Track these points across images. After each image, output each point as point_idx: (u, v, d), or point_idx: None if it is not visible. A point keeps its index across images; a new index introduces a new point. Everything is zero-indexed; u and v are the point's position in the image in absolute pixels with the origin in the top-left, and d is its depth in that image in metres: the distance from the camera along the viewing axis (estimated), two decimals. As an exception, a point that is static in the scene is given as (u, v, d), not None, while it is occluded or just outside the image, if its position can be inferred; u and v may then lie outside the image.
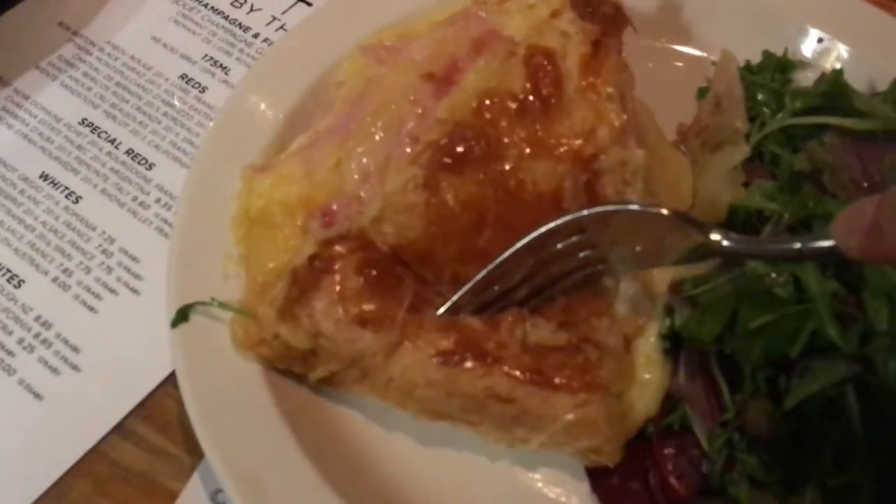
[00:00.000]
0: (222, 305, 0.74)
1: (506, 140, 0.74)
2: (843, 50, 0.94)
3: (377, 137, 0.77)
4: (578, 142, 0.76)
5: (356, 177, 0.75)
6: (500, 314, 0.72)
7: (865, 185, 0.79)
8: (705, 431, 0.72)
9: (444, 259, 0.73)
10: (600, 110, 0.77)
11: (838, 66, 0.91)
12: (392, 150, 0.74)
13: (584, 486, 0.73)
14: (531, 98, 0.76)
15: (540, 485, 0.74)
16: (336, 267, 0.71)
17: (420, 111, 0.75)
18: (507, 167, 0.74)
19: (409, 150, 0.74)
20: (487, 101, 0.75)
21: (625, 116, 0.78)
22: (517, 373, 0.69)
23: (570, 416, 0.68)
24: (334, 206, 0.75)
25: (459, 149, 0.73)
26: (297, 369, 0.74)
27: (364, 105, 0.80)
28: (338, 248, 0.72)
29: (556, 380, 0.68)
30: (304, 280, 0.71)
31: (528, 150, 0.75)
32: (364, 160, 0.76)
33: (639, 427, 0.73)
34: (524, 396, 0.68)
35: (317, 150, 0.79)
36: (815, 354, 0.70)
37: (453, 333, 0.71)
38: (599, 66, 0.79)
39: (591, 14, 0.81)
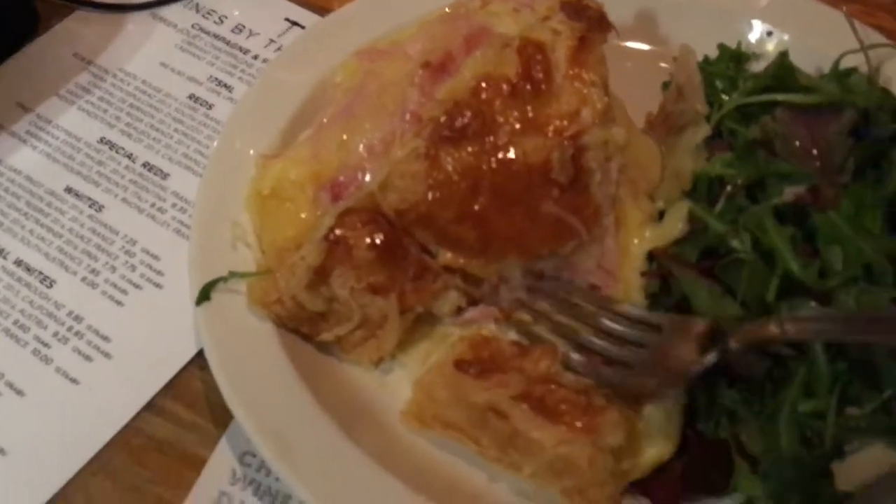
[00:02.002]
0: (240, 274, 0.81)
1: (500, 118, 0.83)
2: (788, 39, 1.03)
3: (381, 117, 0.86)
4: (565, 121, 0.84)
5: (362, 151, 0.84)
6: (537, 344, 0.80)
7: (814, 151, 0.87)
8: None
9: (443, 221, 0.81)
10: (585, 95, 0.85)
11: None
12: (394, 127, 0.83)
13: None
14: (523, 82, 0.84)
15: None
16: (350, 239, 0.79)
17: (420, 93, 0.84)
18: (501, 141, 0.82)
19: (411, 126, 0.83)
20: (484, 84, 0.83)
21: (607, 99, 0.87)
22: (520, 395, 0.74)
23: (554, 450, 0.72)
24: (342, 178, 0.84)
25: (458, 124, 0.81)
26: (305, 329, 0.82)
27: (365, 92, 0.89)
28: (350, 220, 0.80)
29: (555, 413, 0.74)
30: (323, 252, 0.78)
31: (519, 127, 0.83)
32: (369, 137, 0.85)
33: (645, 472, 0.76)
34: (520, 417, 0.74)
35: (323, 134, 0.88)
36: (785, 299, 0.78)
37: (481, 348, 0.80)
38: (585, 58, 0.87)
39: (577, 17, 0.91)
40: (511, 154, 0.82)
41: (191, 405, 0.85)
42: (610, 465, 0.72)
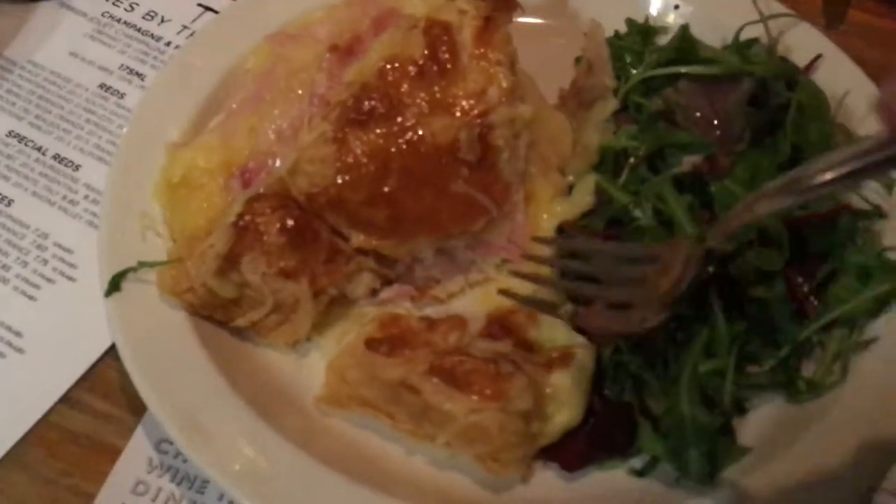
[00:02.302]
0: (149, 263, 0.81)
1: (407, 100, 0.83)
2: (693, 12, 1.06)
3: (290, 102, 0.86)
4: (472, 101, 0.85)
5: (272, 137, 0.85)
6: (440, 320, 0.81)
7: (715, 121, 0.90)
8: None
9: (354, 204, 0.81)
10: (491, 74, 0.86)
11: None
12: (303, 111, 0.84)
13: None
14: (430, 63, 0.85)
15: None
16: (260, 225, 0.79)
17: (328, 77, 0.85)
18: (409, 123, 0.83)
19: (319, 110, 0.83)
20: (390, 66, 0.84)
21: (513, 78, 0.88)
22: (430, 369, 0.76)
23: (465, 419, 0.74)
24: (252, 165, 0.84)
25: (365, 107, 0.82)
26: (218, 316, 0.82)
27: (274, 77, 0.89)
28: (259, 206, 0.80)
29: (464, 383, 0.75)
30: (232, 239, 0.79)
31: (427, 108, 0.84)
32: (278, 122, 0.85)
33: (554, 438, 0.77)
34: (431, 391, 0.75)
35: (233, 120, 0.88)
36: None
37: (390, 326, 0.80)
38: (490, 37, 0.88)
39: None
40: (419, 135, 0.83)
41: (106, 396, 0.85)
42: (520, 428, 0.74)
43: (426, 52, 0.86)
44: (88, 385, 0.86)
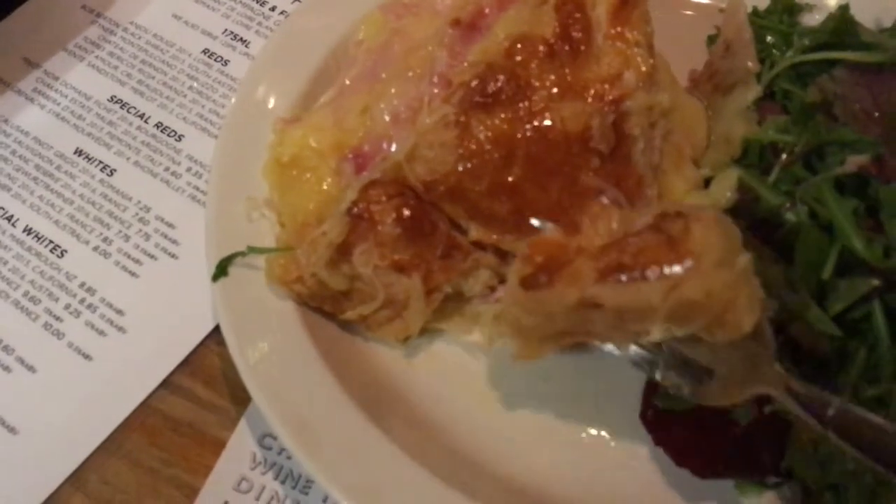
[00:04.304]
0: (258, 249, 0.77)
1: (536, 82, 0.76)
2: (849, -11, 0.95)
3: (407, 80, 0.79)
4: (606, 85, 0.77)
5: (387, 118, 0.78)
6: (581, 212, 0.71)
7: (876, 114, 0.81)
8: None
9: (475, 194, 0.75)
10: (628, 56, 0.79)
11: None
12: (423, 92, 0.77)
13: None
14: (561, 43, 0.78)
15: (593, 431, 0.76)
16: (375, 214, 0.74)
17: (450, 54, 0.78)
18: (537, 107, 0.76)
19: (440, 90, 0.77)
20: (518, 45, 0.77)
21: (652, 61, 0.80)
22: (599, 274, 0.65)
23: (665, 304, 0.62)
24: (366, 148, 0.78)
25: (490, 89, 0.75)
26: (328, 308, 0.77)
27: (390, 53, 0.83)
28: (375, 194, 0.75)
29: (642, 266, 0.63)
30: (346, 228, 0.74)
31: (556, 92, 0.76)
32: (395, 102, 0.79)
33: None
34: (612, 296, 0.64)
35: (345, 98, 0.82)
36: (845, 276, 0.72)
37: (535, 254, 0.68)
38: (627, 15, 0.80)
39: None
40: (547, 121, 0.76)
41: (209, 383, 0.82)
42: (725, 279, 0.62)
43: (557, 30, 0.78)
44: (190, 370, 0.82)
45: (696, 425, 0.71)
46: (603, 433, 0.76)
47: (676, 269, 0.62)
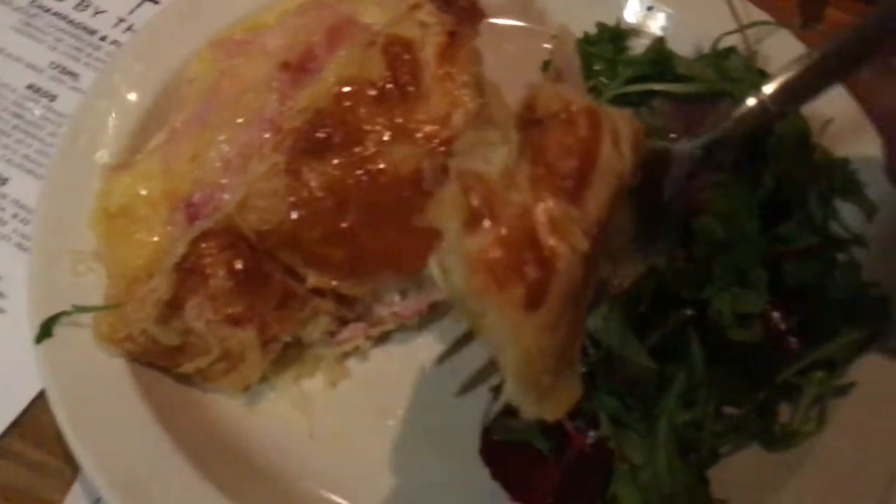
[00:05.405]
0: (84, 308, 0.74)
1: (366, 126, 0.77)
2: (668, 15, 1.00)
3: (237, 126, 0.79)
4: (435, 126, 0.79)
5: (217, 165, 0.77)
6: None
7: (691, 146, 0.85)
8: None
9: (310, 242, 0.75)
10: (456, 96, 0.80)
11: (662, 32, 0.98)
12: (252, 138, 0.77)
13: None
14: (390, 86, 0.79)
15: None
16: (206, 267, 0.73)
17: (278, 99, 0.78)
18: (368, 152, 0.76)
19: (270, 136, 0.76)
20: (347, 90, 0.77)
21: (481, 100, 0.82)
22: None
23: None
24: (197, 197, 0.77)
25: (320, 135, 0.75)
26: (161, 363, 0.75)
27: (219, 97, 0.81)
28: (206, 246, 0.73)
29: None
30: (175, 284, 0.72)
31: (387, 136, 0.77)
32: (225, 149, 0.78)
33: None
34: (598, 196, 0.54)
35: (176, 144, 0.81)
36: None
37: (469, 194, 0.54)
38: (455, 54, 0.82)
39: (447, 7, 0.85)
40: (379, 165, 0.77)
41: (41, 445, 0.78)
42: None
43: (386, 73, 0.79)
44: (21, 431, 0.79)
45: (529, 459, 0.74)
46: (445, 469, 0.77)
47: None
